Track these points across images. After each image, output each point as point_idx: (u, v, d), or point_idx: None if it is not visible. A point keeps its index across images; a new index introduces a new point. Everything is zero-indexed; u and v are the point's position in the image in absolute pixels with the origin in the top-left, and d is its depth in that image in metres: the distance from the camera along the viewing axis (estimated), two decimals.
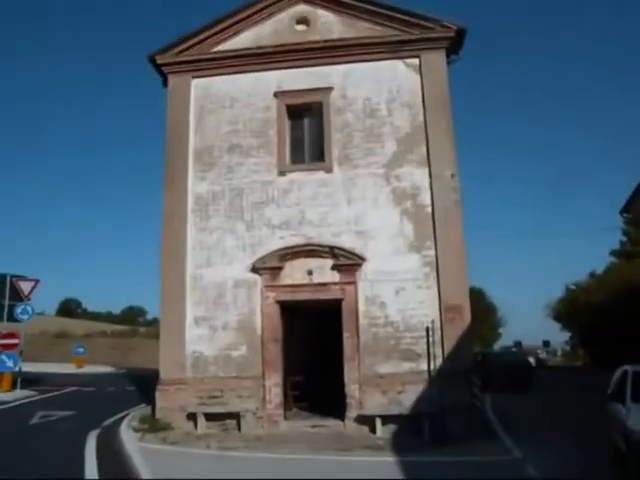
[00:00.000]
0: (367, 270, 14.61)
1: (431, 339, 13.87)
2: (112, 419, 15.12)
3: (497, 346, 58.11)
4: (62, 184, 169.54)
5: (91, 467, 9.59)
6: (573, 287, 51.72)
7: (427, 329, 13.94)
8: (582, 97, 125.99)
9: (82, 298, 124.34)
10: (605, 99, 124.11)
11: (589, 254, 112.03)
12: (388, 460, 10.65)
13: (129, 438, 12.58)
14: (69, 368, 34.13)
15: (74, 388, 23.17)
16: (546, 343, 57.05)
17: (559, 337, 63.78)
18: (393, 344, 14.26)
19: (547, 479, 9.00)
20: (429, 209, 14.84)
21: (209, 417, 14.19)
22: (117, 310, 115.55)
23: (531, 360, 33.77)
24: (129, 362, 40.54)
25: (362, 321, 14.40)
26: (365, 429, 13.71)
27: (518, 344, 48.85)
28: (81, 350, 36.40)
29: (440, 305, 14.25)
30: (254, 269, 14.91)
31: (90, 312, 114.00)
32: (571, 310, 48.39)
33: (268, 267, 14.86)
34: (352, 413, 13.94)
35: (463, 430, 12.72)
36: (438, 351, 13.98)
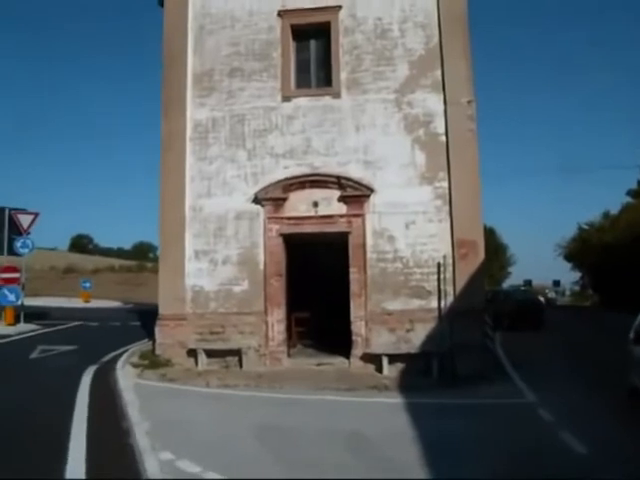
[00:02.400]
0: (376, 202, 13.79)
1: (442, 275, 13.26)
2: (112, 354, 14.70)
3: (506, 285, 57.75)
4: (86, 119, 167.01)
5: (81, 405, 9.09)
6: (586, 227, 51.01)
7: (438, 265, 13.31)
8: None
9: (94, 234, 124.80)
10: None
11: (604, 194, 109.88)
12: (394, 402, 10.14)
13: (126, 374, 12.21)
14: (76, 303, 34.05)
15: (78, 323, 22.87)
16: (556, 283, 56.61)
17: (569, 277, 63.46)
18: (402, 280, 13.59)
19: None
20: (443, 138, 13.86)
21: (210, 354, 13.75)
22: (129, 246, 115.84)
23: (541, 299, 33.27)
24: (137, 297, 40.42)
25: (370, 256, 13.70)
26: (371, 368, 13.22)
27: (528, 283, 48.32)
28: (87, 285, 36.22)
29: (452, 240, 13.49)
30: (256, 200, 14.13)
31: (101, 248, 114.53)
32: (583, 250, 47.85)
33: (271, 198, 14.07)
34: (358, 351, 13.43)
35: (473, 371, 12.21)
36: (449, 288, 13.33)
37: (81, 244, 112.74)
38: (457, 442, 7.47)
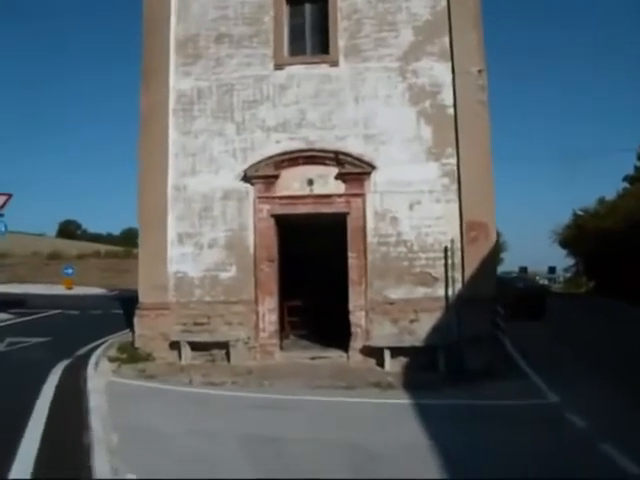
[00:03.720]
0: (377, 180, 12.57)
1: (450, 261, 12.16)
2: (89, 346, 13.44)
3: (499, 271, 56.62)
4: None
5: (40, 413, 7.69)
6: (581, 213, 50.19)
7: (445, 249, 12.21)
8: None
9: (83, 220, 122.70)
10: None
11: (598, 180, 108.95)
12: (400, 403, 8.99)
13: (100, 371, 10.99)
14: (58, 289, 32.65)
15: (57, 311, 21.53)
16: (552, 269, 55.65)
17: (563, 264, 62.71)
18: (406, 266, 12.41)
19: None
20: (451, 110, 12.64)
21: (194, 346, 12.55)
22: (119, 232, 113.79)
23: None
24: (122, 284, 38.87)
25: (370, 239, 12.49)
26: (372, 362, 12.06)
27: (524, 270, 47.25)
28: (70, 271, 34.75)
29: (461, 222, 12.34)
30: (246, 178, 12.85)
31: (90, 234, 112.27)
32: (579, 236, 47.03)
33: (262, 175, 12.79)
34: (357, 344, 12.26)
35: (483, 365, 11.20)
36: (457, 275, 12.19)
37: (69, 230, 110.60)
38: (484, 459, 6.29)
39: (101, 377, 10.37)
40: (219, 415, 8.29)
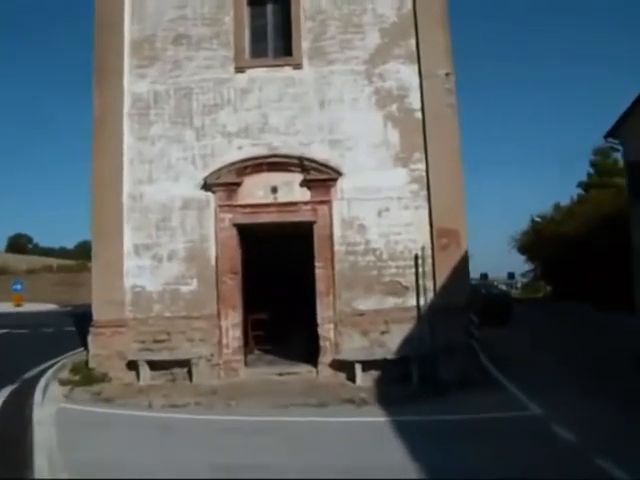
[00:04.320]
0: (344, 187, 12.11)
1: (420, 269, 11.78)
2: (39, 368, 12.49)
3: None
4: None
5: None
6: (538, 219, 50.94)
7: (416, 257, 11.82)
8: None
9: (35, 234, 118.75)
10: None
11: (551, 186, 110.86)
12: (377, 422, 8.43)
13: (50, 396, 10.12)
14: (6, 307, 31.09)
15: (3, 331, 20.29)
16: (511, 275, 56.06)
17: (520, 269, 63.50)
18: (375, 275, 11.95)
19: None
20: (419, 114, 12.29)
21: (154, 365, 11.78)
22: (72, 246, 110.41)
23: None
24: (76, 299, 37.32)
25: (338, 248, 12.00)
26: (342, 376, 11.52)
27: (484, 276, 47.46)
28: (19, 287, 33.26)
29: (431, 229, 11.97)
30: (206, 186, 12.21)
31: (42, 248, 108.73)
32: (537, 242, 47.67)
33: (223, 183, 12.16)
34: (326, 358, 11.71)
35: (458, 376, 10.76)
36: (429, 283, 11.81)
37: (19, 245, 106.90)
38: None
39: (50, 404, 9.49)
40: (185, 443, 7.49)
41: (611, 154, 41.73)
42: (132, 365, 11.82)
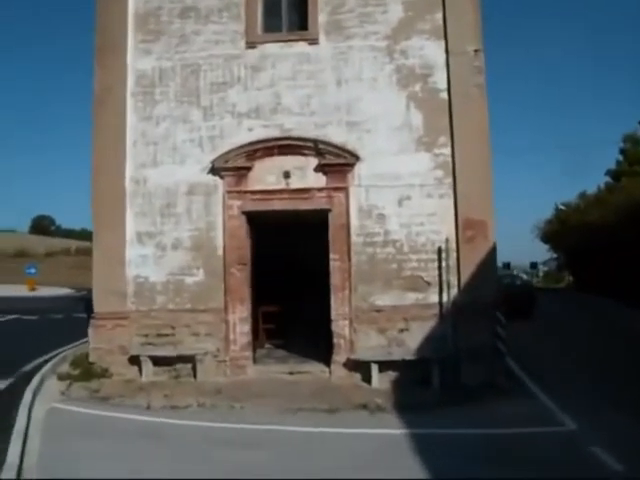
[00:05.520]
0: (362, 173, 11.19)
1: (444, 263, 10.87)
2: (39, 360, 12.02)
3: None
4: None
5: None
6: (563, 207, 49.70)
7: (439, 250, 10.93)
8: None
9: (57, 215, 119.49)
10: None
11: (579, 175, 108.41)
12: (394, 434, 7.62)
13: (45, 393, 9.56)
14: (21, 291, 30.76)
15: (12, 317, 19.83)
16: (533, 265, 54.81)
17: (542, 258, 62.30)
18: (395, 269, 11.06)
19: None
20: (444, 94, 11.30)
21: (157, 361, 11.07)
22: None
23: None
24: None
25: (355, 239, 11.12)
26: (357, 377, 10.73)
27: (507, 265, 46.28)
28: (32, 271, 32.85)
29: (456, 220, 11.01)
30: (214, 170, 11.37)
31: (64, 229, 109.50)
32: (561, 231, 46.52)
33: (232, 167, 11.31)
34: (341, 357, 10.89)
35: (483, 381, 9.91)
36: (453, 279, 10.88)
37: (42, 226, 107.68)
38: None
39: (42, 403, 8.82)
40: (179, 457, 6.73)
41: None
42: (134, 360, 11.13)
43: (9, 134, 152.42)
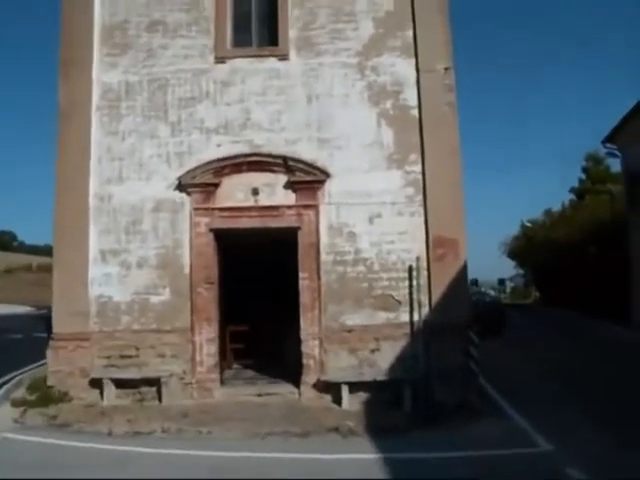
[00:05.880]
0: (332, 190, 11.04)
1: (415, 282, 10.72)
2: None
3: None
4: None
5: None
6: (529, 224, 50.49)
7: (410, 268, 10.81)
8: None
9: (20, 231, 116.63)
10: None
11: (541, 191, 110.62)
12: (367, 458, 7.37)
13: None
14: None
15: None
16: (501, 281, 55.44)
17: (509, 274, 63.15)
18: (365, 288, 10.90)
19: None
20: (415, 112, 11.27)
21: (120, 384, 10.65)
22: None
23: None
24: None
25: (325, 257, 10.93)
26: (327, 399, 10.46)
27: (475, 282, 46.62)
28: None
29: (427, 238, 10.91)
30: (181, 187, 11.09)
31: (28, 245, 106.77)
32: (528, 247, 47.22)
33: (199, 184, 11.04)
34: (311, 377, 10.64)
35: (456, 402, 9.72)
36: (424, 298, 10.75)
37: (2, 241, 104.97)
38: None
39: None
40: None
41: (604, 160, 41.42)
42: (96, 383, 10.69)
43: None
